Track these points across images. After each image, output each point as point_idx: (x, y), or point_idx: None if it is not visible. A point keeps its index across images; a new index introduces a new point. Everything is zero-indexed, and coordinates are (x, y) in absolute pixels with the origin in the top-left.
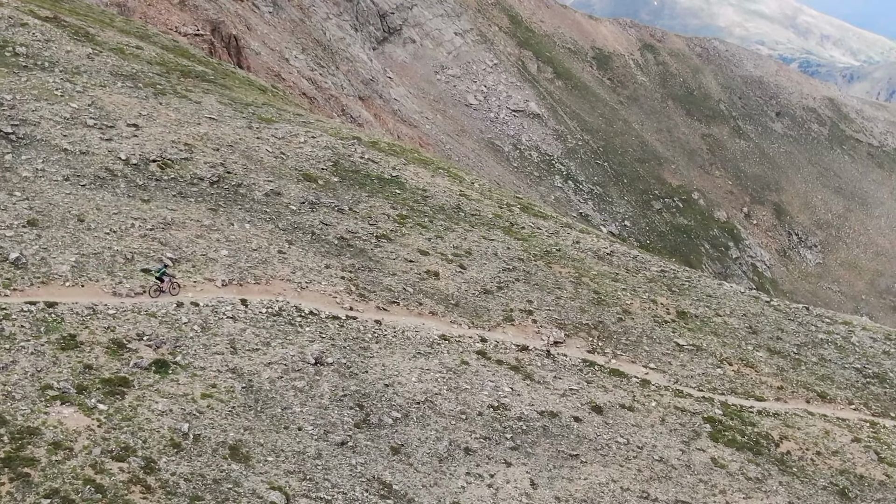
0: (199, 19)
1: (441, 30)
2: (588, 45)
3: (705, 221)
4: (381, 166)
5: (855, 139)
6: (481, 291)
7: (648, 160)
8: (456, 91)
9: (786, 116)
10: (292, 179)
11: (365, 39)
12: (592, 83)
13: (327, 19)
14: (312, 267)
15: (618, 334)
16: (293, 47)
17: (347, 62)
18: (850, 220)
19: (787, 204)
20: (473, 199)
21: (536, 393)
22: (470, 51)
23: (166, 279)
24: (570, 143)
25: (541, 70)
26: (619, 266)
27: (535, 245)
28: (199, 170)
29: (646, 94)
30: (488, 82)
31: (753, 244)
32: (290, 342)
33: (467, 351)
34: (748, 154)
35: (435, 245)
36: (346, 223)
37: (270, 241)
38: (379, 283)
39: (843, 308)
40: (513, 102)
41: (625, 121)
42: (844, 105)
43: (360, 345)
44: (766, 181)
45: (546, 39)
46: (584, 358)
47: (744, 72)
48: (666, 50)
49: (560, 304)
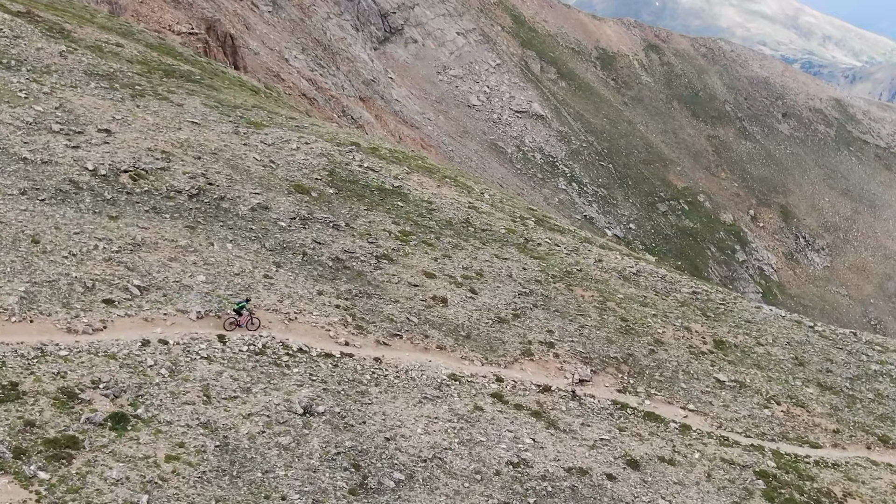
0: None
1: (443, 30)
2: (592, 45)
3: (711, 224)
4: (381, 175)
5: (862, 140)
6: (495, 320)
7: (653, 162)
8: (458, 92)
9: (792, 117)
10: (282, 191)
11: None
12: (596, 84)
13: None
14: (303, 294)
15: (650, 369)
16: (293, 47)
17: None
18: (857, 223)
19: (793, 206)
20: (484, 211)
21: (562, 444)
22: (472, 51)
23: (245, 313)
24: (574, 145)
25: (544, 70)
26: (646, 288)
27: (553, 264)
28: (177, 181)
29: (650, 95)
30: (491, 83)
31: (760, 247)
32: (274, 387)
33: (481, 394)
34: (754, 156)
35: (442, 266)
36: (343, 241)
37: (255, 263)
38: (379, 311)
39: (852, 312)
40: (516, 103)
41: (629, 122)
42: (851, 106)
43: (356, 389)
44: (772, 183)
45: (549, 39)
46: (614, 399)
47: (749, 72)
48: (670, 50)
49: (584, 334)
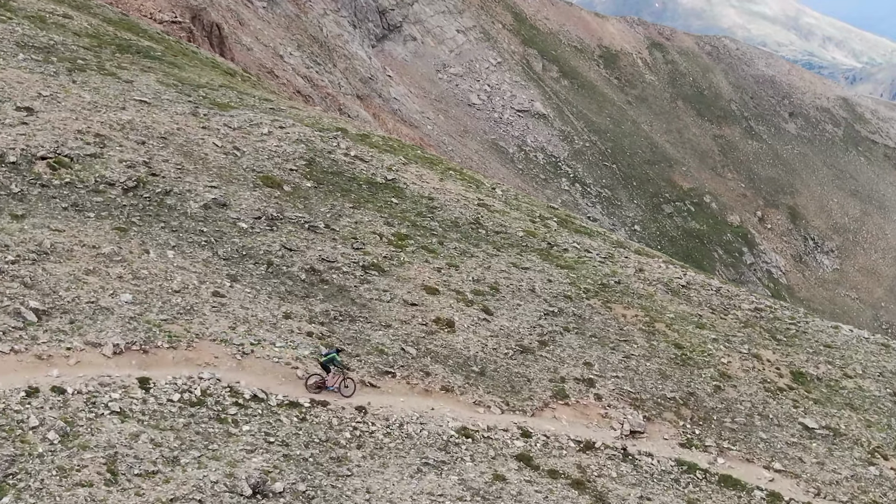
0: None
1: (443, 27)
2: (595, 43)
3: (718, 226)
4: (372, 166)
5: (871, 140)
6: (516, 350)
7: (658, 162)
8: (458, 90)
9: (799, 117)
10: (246, 185)
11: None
12: (600, 82)
13: (324, 15)
14: (264, 318)
15: (718, 413)
16: (288, 44)
17: (345, 60)
18: (867, 224)
19: (802, 207)
20: (496, 210)
21: None
22: (472, 49)
23: (334, 369)
24: (578, 145)
25: (546, 69)
26: (700, 304)
27: (585, 275)
28: (111, 171)
29: (655, 94)
30: (492, 81)
31: (768, 249)
32: (213, 456)
33: (502, 455)
34: (761, 156)
35: (447, 278)
36: (321, 247)
37: (203, 277)
38: (365, 340)
39: (862, 316)
40: (517, 102)
41: (633, 121)
42: (859, 105)
43: (330, 454)
44: (780, 184)
45: (551, 37)
46: (677, 458)
47: (755, 71)
48: (675, 48)
49: (631, 366)
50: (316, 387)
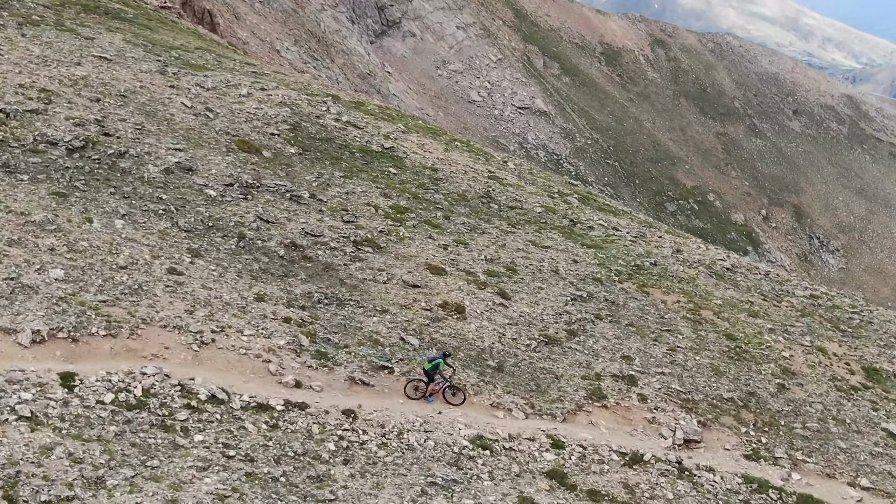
0: None
1: (442, 23)
2: (596, 40)
3: (722, 224)
4: (366, 133)
5: (876, 138)
6: (541, 341)
7: (661, 160)
8: (458, 87)
9: (803, 114)
10: (218, 149)
11: (362, 32)
12: (601, 79)
13: (322, 10)
14: (231, 300)
15: (786, 417)
16: (285, 38)
17: (343, 55)
18: (873, 223)
19: (806, 206)
20: (509, 183)
21: None
22: (472, 45)
23: (438, 378)
24: (579, 142)
25: (547, 66)
26: (748, 289)
27: (615, 256)
28: (54, 129)
29: (657, 92)
30: (492, 78)
31: (773, 248)
32: (151, 476)
33: (529, 472)
34: (765, 154)
35: (455, 257)
36: (304, 220)
37: (158, 251)
38: (356, 328)
39: None
40: (518, 99)
41: (635, 119)
42: (864, 103)
43: (308, 472)
44: (784, 182)
45: (552, 34)
46: (744, 473)
47: (759, 68)
48: (677, 45)
49: (678, 361)
50: (416, 391)
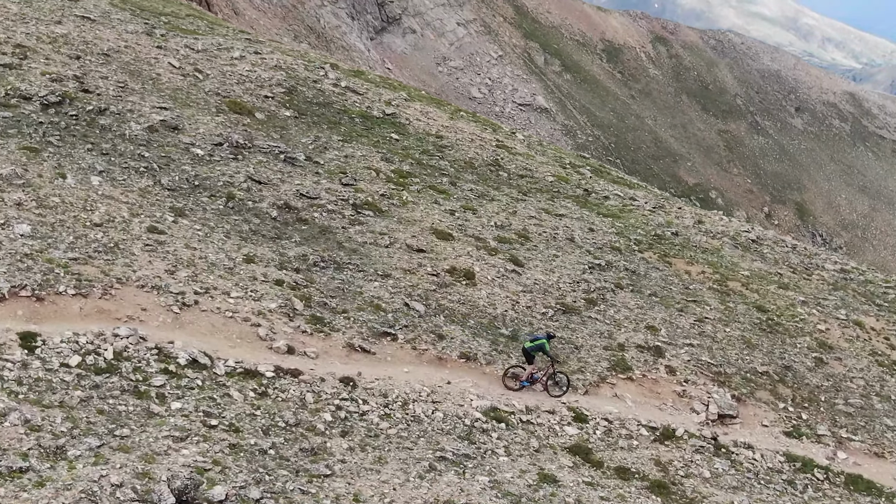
0: None
1: (443, 20)
2: (597, 37)
3: None
4: (367, 99)
5: (878, 136)
6: (558, 310)
7: (663, 157)
8: (459, 84)
9: (805, 112)
10: (207, 110)
11: (362, 29)
12: (602, 77)
13: (322, 6)
14: (217, 260)
15: (826, 393)
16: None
17: (343, 51)
18: (876, 221)
19: (809, 203)
20: (519, 153)
21: None
22: (473, 42)
23: (541, 360)
24: (581, 139)
25: (548, 63)
26: (776, 262)
27: (634, 225)
28: (28, 84)
29: (658, 89)
30: (493, 75)
31: None
32: (119, 447)
33: (549, 447)
34: (767, 151)
35: (462, 222)
36: (299, 181)
37: (138, 209)
38: (355, 292)
39: None
40: (519, 96)
41: (637, 116)
42: (866, 100)
43: (302, 444)
44: (786, 179)
45: (553, 31)
46: (785, 451)
47: (760, 65)
48: (679, 43)
49: (707, 332)
50: (513, 378)
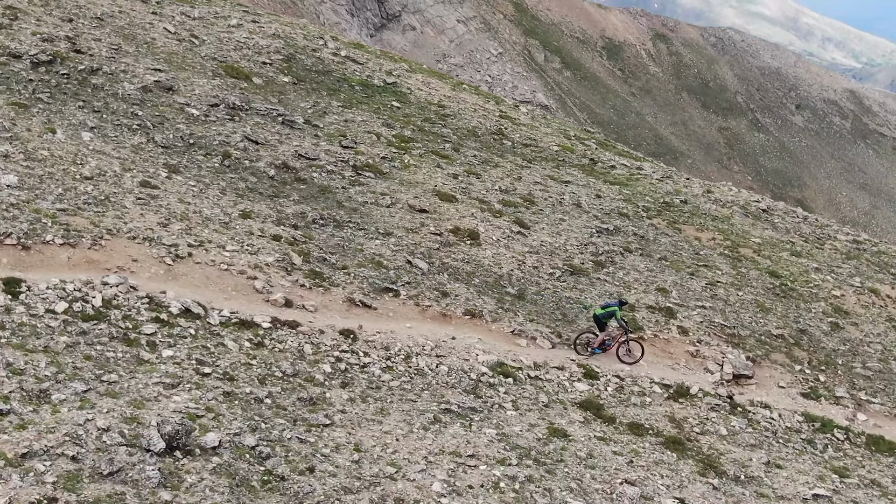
0: None
1: (442, 17)
2: (597, 34)
3: None
4: (367, 68)
5: (879, 133)
6: (565, 271)
7: (663, 154)
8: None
9: (806, 109)
10: (203, 73)
11: (362, 25)
12: (603, 74)
13: (321, 3)
14: (212, 215)
15: (844, 357)
16: None
17: None
18: (876, 218)
19: (810, 201)
20: (523, 123)
21: None
22: (473, 39)
23: (613, 327)
24: None
25: (548, 60)
26: (787, 231)
27: (642, 193)
28: (19, 43)
29: (659, 86)
30: (493, 72)
31: None
32: (107, 392)
33: (559, 402)
34: (768, 148)
35: (466, 185)
36: (297, 142)
37: (130, 164)
38: (356, 249)
39: None
40: (519, 93)
41: (637, 113)
42: (867, 98)
43: (300, 394)
44: (787, 176)
45: (553, 28)
46: (804, 411)
47: (761, 63)
48: (679, 40)
49: (719, 296)
50: (584, 346)
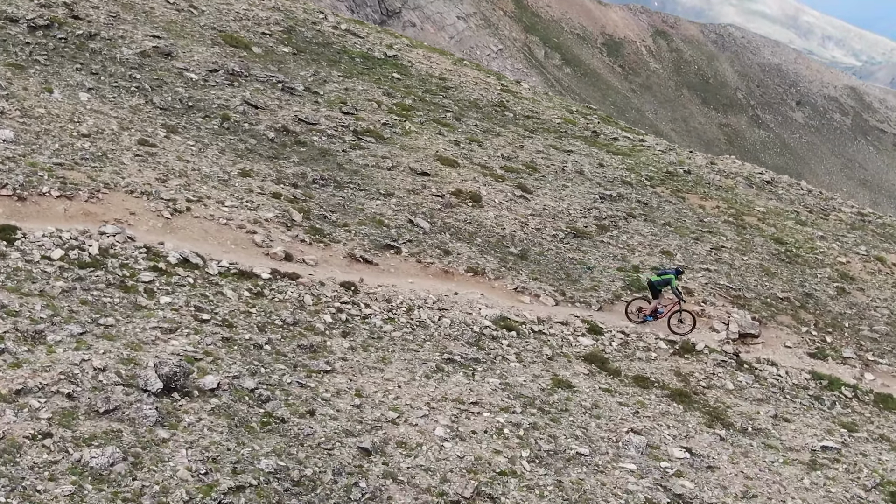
0: None
1: (443, 13)
2: (597, 31)
3: None
4: (367, 42)
5: (879, 129)
6: (568, 233)
7: None
8: None
9: (806, 105)
10: (202, 41)
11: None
12: (603, 70)
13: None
14: (211, 172)
15: (850, 320)
16: None
17: None
18: None
19: None
20: (525, 97)
21: (750, 462)
22: (473, 35)
23: (668, 295)
24: None
25: (548, 56)
26: (792, 202)
27: (645, 163)
28: (16, 7)
29: (659, 82)
30: (493, 68)
31: None
32: (103, 334)
33: (563, 355)
34: (768, 144)
35: (467, 151)
36: (297, 108)
37: (128, 123)
38: (356, 208)
39: None
40: None
41: (638, 109)
42: (867, 94)
43: (300, 341)
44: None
45: (553, 25)
46: (811, 370)
47: (761, 59)
48: (679, 36)
49: (724, 259)
50: (638, 311)
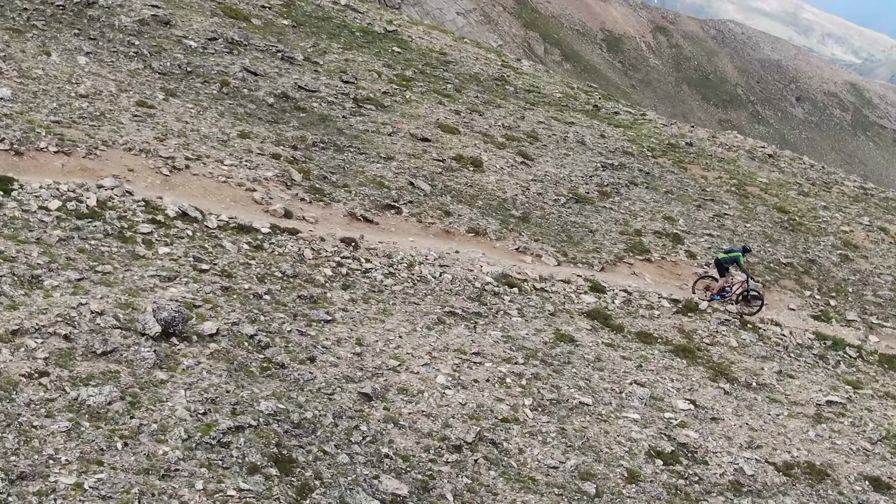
0: None
1: (442, 9)
2: (597, 26)
3: None
4: (367, 17)
5: (879, 125)
6: (570, 199)
7: None
8: None
9: (806, 101)
10: (201, 12)
11: None
12: (603, 66)
13: None
14: (210, 133)
15: (854, 285)
16: None
17: None
18: None
19: None
20: (525, 73)
21: (754, 414)
22: (473, 31)
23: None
24: None
25: (548, 52)
26: (794, 174)
27: (646, 135)
28: None
29: (659, 78)
30: None
31: None
32: (101, 281)
33: (565, 311)
34: (768, 140)
35: (468, 120)
36: (297, 76)
37: (126, 86)
38: (357, 171)
39: None
40: None
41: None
42: (867, 90)
43: (300, 292)
44: None
45: (553, 21)
46: (816, 331)
47: (761, 55)
48: (679, 32)
49: (727, 226)
50: (705, 289)
